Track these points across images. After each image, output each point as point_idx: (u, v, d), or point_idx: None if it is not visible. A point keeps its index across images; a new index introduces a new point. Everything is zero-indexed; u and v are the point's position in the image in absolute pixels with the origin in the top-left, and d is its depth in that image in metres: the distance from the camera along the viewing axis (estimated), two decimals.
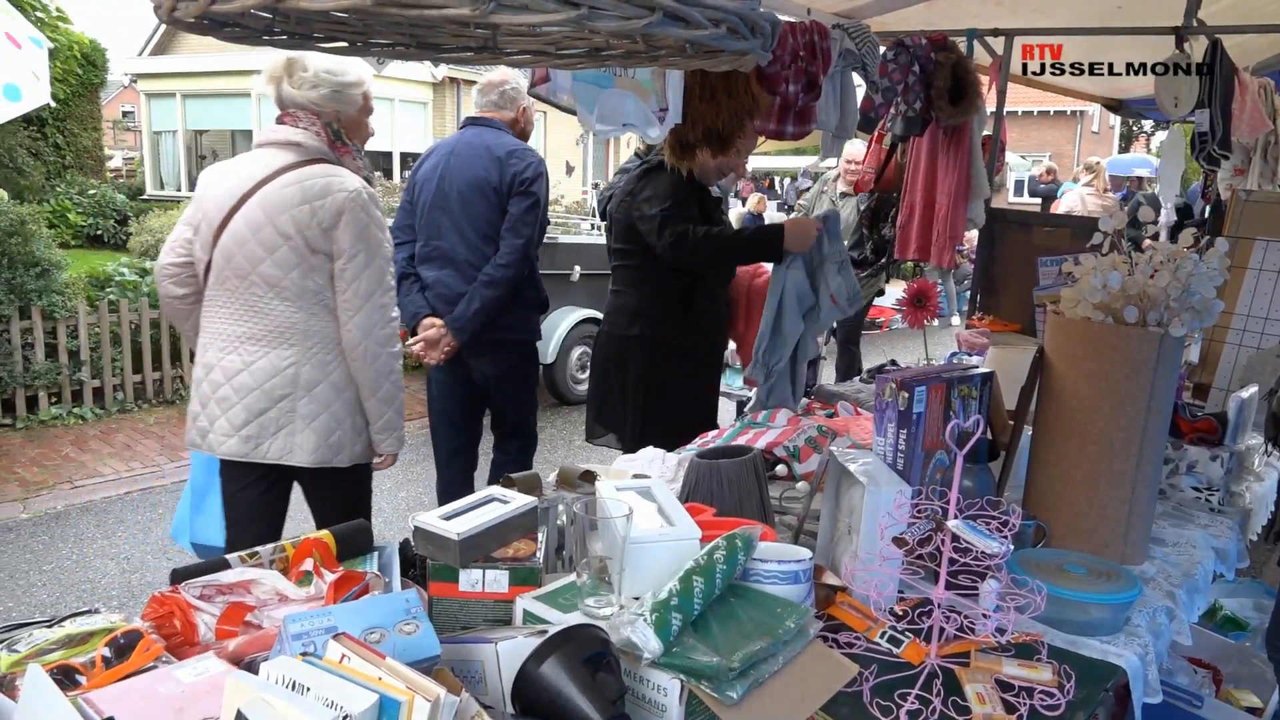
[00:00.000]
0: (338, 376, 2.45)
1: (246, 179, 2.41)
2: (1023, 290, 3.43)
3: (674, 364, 3.03)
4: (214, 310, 2.48)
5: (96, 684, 1.14)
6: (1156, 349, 1.77)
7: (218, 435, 2.46)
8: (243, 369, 2.41)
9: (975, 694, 1.33)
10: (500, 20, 0.86)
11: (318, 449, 2.45)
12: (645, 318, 3.00)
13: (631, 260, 3.03)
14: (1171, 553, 1.97)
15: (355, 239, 2.39)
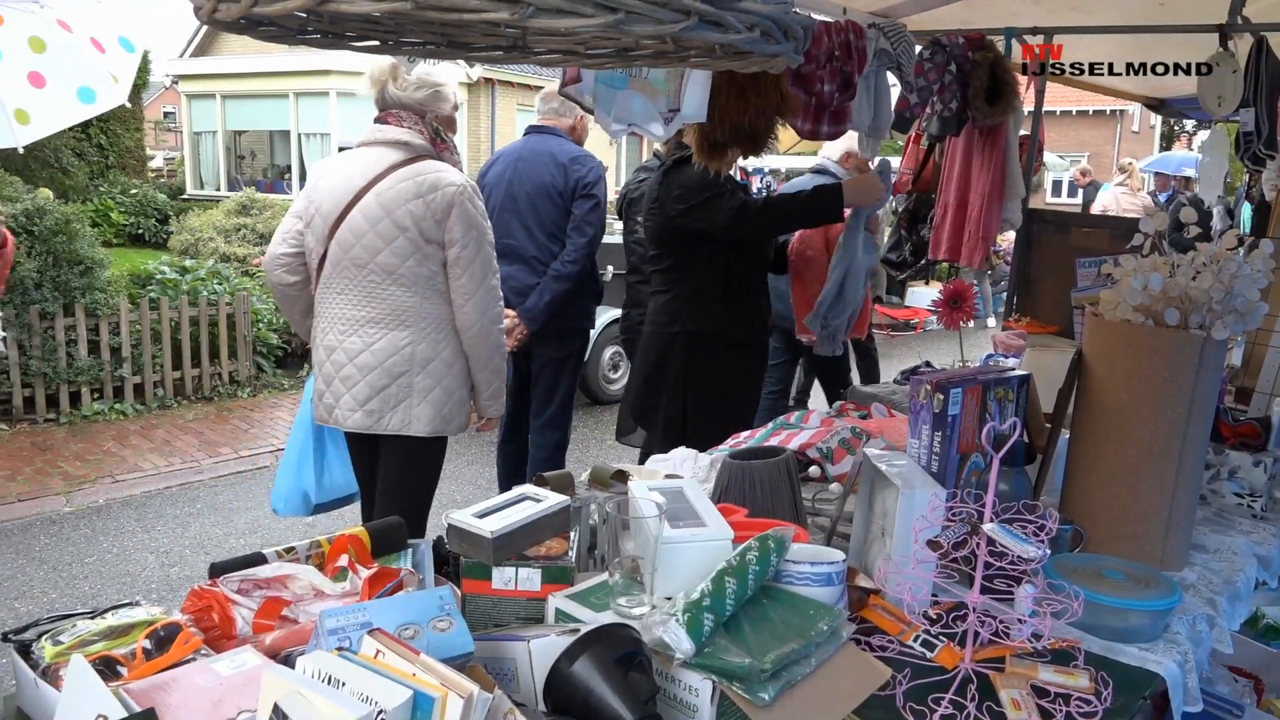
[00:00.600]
0: (448, 353, 2.70)
1: (360, 177, 2.63)
2: (1060, 292, 3.38)
3: (718, 357, 3.05)
4: (332, 297, 2.72)
5: (137, 675, 1.16)
6: (1198, 352, 1.74)
7: (343, 411, 2.71)
8: (364, 349, 2.65)
9: (1010, 700, 1.31)
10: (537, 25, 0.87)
11: (433, 420, 2.70)
12: (686, 314, 3.02)
13: (668, 260, 3.04)
14: (1212, 559, 1.94)
15: (466, 229, 2.62)
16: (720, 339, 3.06)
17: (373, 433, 2.71)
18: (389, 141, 2.67)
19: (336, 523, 4.73)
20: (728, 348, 3.08)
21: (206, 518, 4.88)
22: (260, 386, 7.30)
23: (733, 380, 3.12)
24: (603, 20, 0.87)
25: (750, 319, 3.14)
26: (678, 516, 1.43)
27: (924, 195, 4.36)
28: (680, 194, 2.89)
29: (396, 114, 2.71)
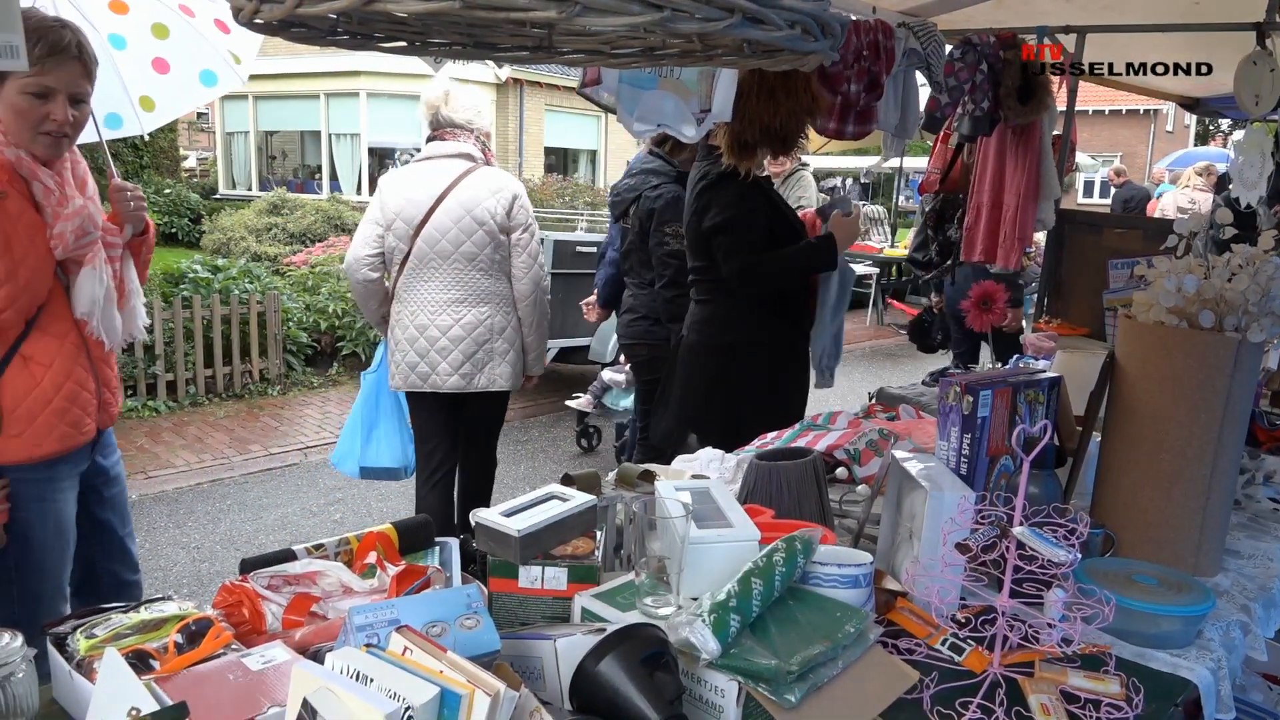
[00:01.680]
0: (515, 321, 3.42)
1: (438, 185, 3.27)
2: (1092, 293, 3.34)
3: (771, 364, 3.05)
4: (419, 285, 3.35)
5: (169, 669, 1.18)
6: (1233, 355, 1.71)
7: (440, 376, 3.35)
8: (454, 324, 3.32)
9: (1039, 705, 1.30)
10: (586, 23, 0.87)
11: (512, 376, 3.43)
12: (742, 324, 3.01)
13: (714, 273, 3.01)
14: (1247, 565, 1.91)
15: (525, 218, 3.35)
16: (772, 348, 3.06)
17: (464, 391, 3.37)
18: (454, 154, 3.31)
19: (365, 520, 4.77)
20: (778, 355, 3.08)
21: (237, 514, 4.94)
22: (290, 384, 7.37)
23: (783, 386, 3.13)
24: (649, 18, 0.87)
25: (798, 327, 3.13)
26: (704, 517, 1.43)
27: (951, 195, 4.33)
28: (715, 220, 2.88)
29: (451, 131, 3.34)
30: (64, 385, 2.14)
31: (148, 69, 2.93)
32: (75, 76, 2.04)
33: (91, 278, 2.15)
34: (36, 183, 2.04)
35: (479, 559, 1.57)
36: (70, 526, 2.25)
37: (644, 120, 2.38)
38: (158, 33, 2.93)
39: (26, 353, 2.08)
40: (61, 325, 2.14)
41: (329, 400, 7.11)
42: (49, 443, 2.12)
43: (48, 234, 2.05)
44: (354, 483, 5.41)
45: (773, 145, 2.78)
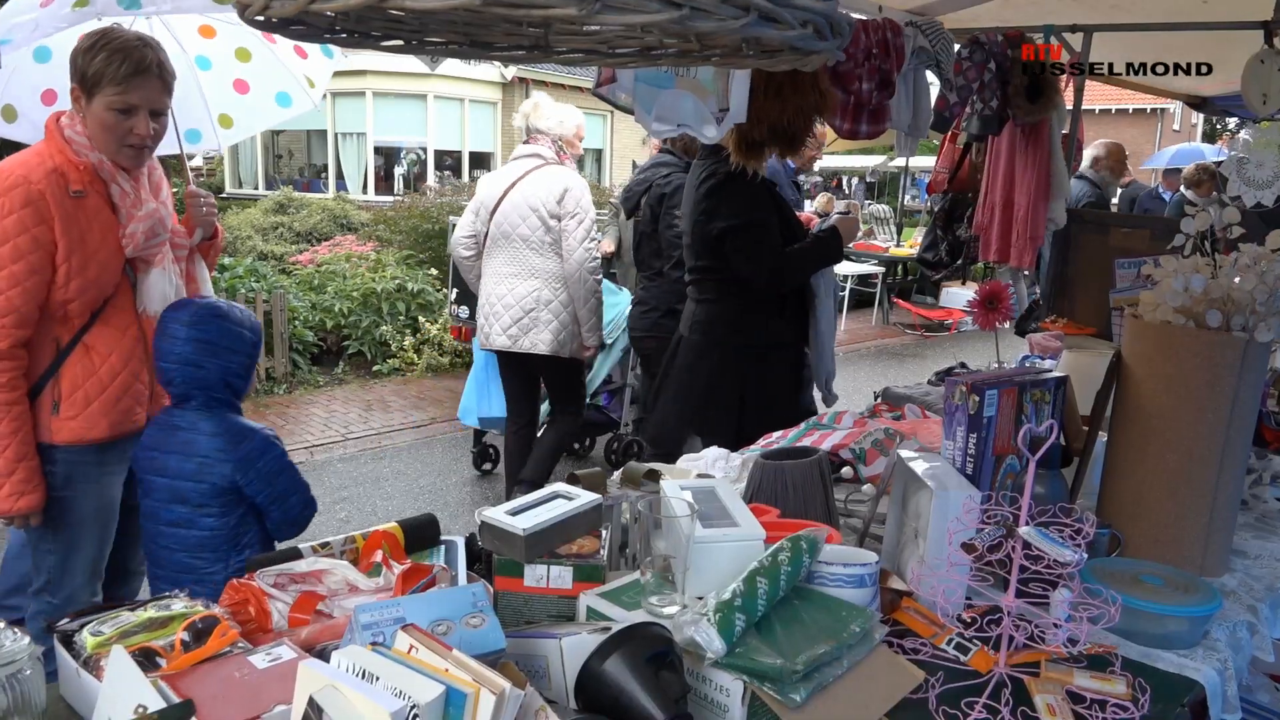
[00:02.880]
0: (564, 297, 4.04)
1: (509, 178, 4.06)
2: (1098, 293, 3.33)
3: (776, 365, 3.06)
4: (491, 260, 4.15)
5: (175, 666, 1.18)
6: (1240, 355, 1.71)
7: (494, 336, 4.12)
8: (508, 293, 4.06)
9: (1045, 705, 1.30)
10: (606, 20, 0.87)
11: (553, 343, 4.06)
12: (747, 325, 3.02)
13: (723, 273, 3.01)
14: (1254, 565, 1.90)
15: (573, 209, 3.97)
16: (777, 349, 3.07)
17: (511, 350, 4.10)
18: (529, 155, 4.09)
19: (371, 519, 4.77)
20: (783, 357, 3.09)
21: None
22: (296, 383, 7.39)
23: (788, 388, 3.13)
24: (667, 16, 0.87)
25: (800, 328, 3.14)
26: (710, 516, 1.43)
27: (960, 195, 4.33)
28: (730, 223, 2.88)
29: (535, 136, 4.10)
30: (120, 375, 2.28)
31: (229, 89, 3.17)
32: (156, 93, 2.19)
33: (162, 278, 2.31)
34: (115, 185, 2.21)
35: (485, 558, 1.57)
36: (113, 512, 2.40)
37: (663, 120, 2.37)
38: (241, 56, 3.17)
39: (89, 342, 2.23)
40: (124, 319, 2.28)
41: (335, 399, 7.12)
42: (100, 428, 2.26)
43: (120, 233, 2.22)
44: (360, 481, 5.43)
45: (781, 144, 2.77)
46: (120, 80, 2.10)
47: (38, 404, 2.21)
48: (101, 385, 2.25)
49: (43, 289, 2.13)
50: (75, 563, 2.32)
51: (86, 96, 2.14)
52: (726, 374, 3.04)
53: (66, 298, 2.16)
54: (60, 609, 2.25)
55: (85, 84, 2.13)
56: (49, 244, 2.10)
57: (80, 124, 2.17)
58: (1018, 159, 3.58)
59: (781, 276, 2.96)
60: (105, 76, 2.10)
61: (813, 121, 2.74)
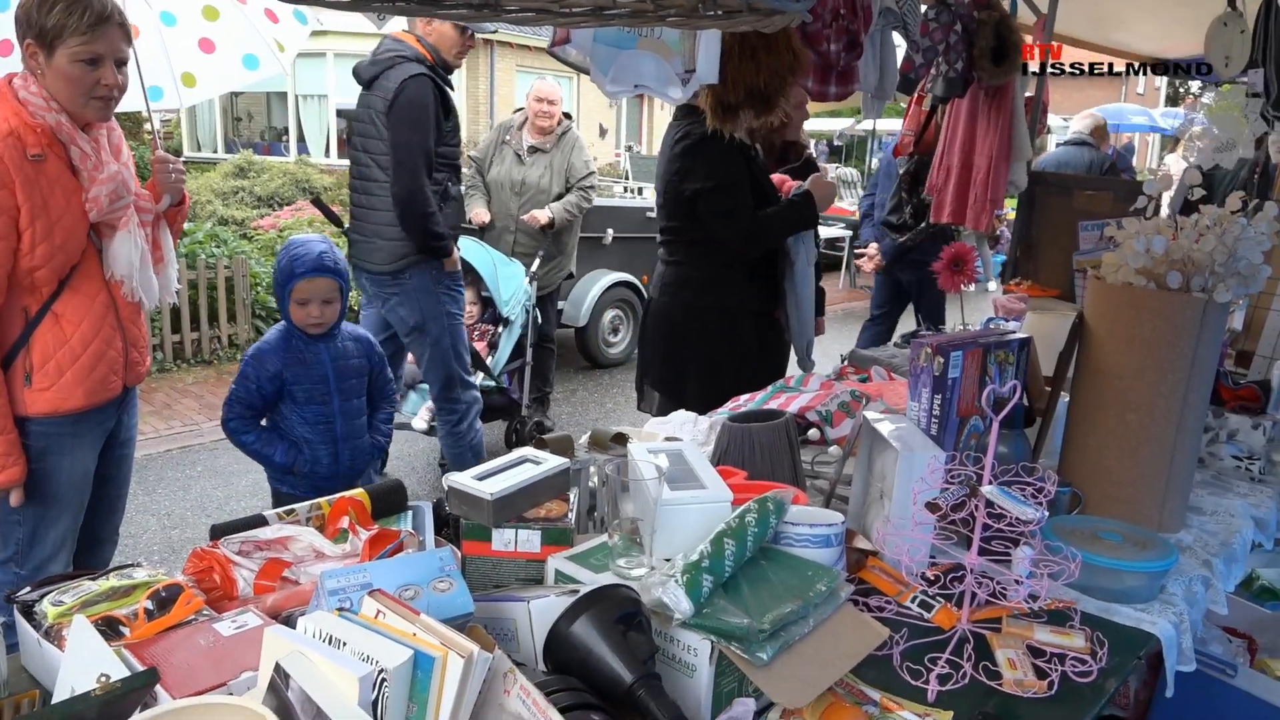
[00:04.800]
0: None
1: None
2: (1062, 255, 3.36)
3: (746, 328, 3.06)
4: None
5: (139, 635, 1.17)
6: (1200, 315, 1.73)
7: None
8: None
9: (1006, 659, 1.33)
10: None
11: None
12: (716, 287, 3.01)
13: (692, 234, 3.00)
14: (1209, 521, 1.94)
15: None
16: (746, 313, 3.07)
17: None
18: None
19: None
20: (752, 320, 3.09)
21: (207, 480, 4.91)
22: None
23: (759, 352, 3.14)
24: None
25: (770, 292, 3.14)
26: (677, 479, 1.43)
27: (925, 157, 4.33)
28: (705, 184, 2.87)
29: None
30: (92, 343, 2.24)
31: (194, 47, 3.10)
32: (119, 41, 2.14)
33: (127, 241, 2.25)
34: (74, 147, 2.15)
35: (452, 523, 1.57)
36: (88, 483, 2.37)
37: (618, 81, 2.33)
38: (208, 14, 3.10)
39: (58, 311, 2.18)
40: (92, 285, 2.23)
41: None
42: (76, 397, 2.23)
43: (83, 197, 2.15)
44: None
45: (756, 106, 2.75)
46: (85, 30, 2.04)
47: (9, 376, 2.17)
48: (74, 355, 2.21)
49: (8, 257, 2.08)
50: (46, 535, 2.29)
51: (47, 51, 2.06)
52: (693, 336, 3.05)
53: (33, 265, 2.10)
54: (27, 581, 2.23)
55: (45, 38, 2.05)
56: (11, 209, 2.04)
57: (35, 83, 2.09)
58: (979, 121, 3.58)
59: (755, 239, 2.96)
60: (68, 28, 2.04)
61: (787, 83, 2.72)
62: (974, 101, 3.60)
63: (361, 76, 3.74)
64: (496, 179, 5.29)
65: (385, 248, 3.74)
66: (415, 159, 3.59)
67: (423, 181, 3.61)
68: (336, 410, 2.72)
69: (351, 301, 4.46)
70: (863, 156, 15.35)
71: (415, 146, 3.58)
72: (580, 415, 6.10)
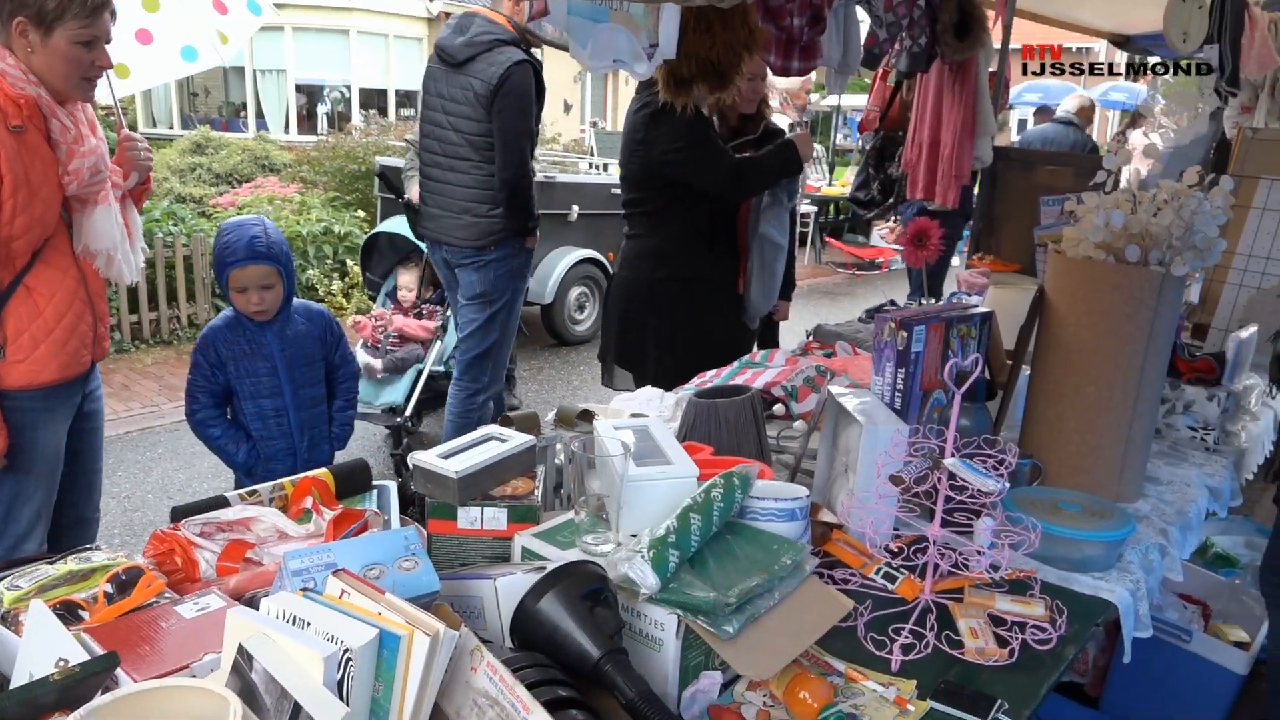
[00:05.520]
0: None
1: None
2: (1024, 230, 3.39)
3: (706, 300, 3.06)
4: None
5: (99, 619, 1.15)
6: (1157, 288, 1.76)
7: None
8: None
9: (968, 628, 1.35)
10: None
11: None
12: (674, 258, 3.01)
13: (650, 205, 3.00)
14: (1166, 491, 1.98)
15: None
16: (706, 284, 3.07)
17: None
18: None
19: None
20: (713, 292, 3.09)
21: (168, 462, 4.84)
22: None
23: (720, 324, 3.14)
24: None
25: (730, 264, 3.15)
26: (643, 455, 1.44)
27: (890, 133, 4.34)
28: (674, 145, 2.85)
29: None
30: (64, 316, 2.26)
31: (130, 39, 3.05)
32: (110, 25, 2.20)
33: (107, 215, 2.28)
34: (55, 120, 2.15)
35: (418, 501, 1.56)
36: (59, 458, 2.38)
37: (598, 56, 2.31)
38: (148, 6, 3.08)
39: (30, 284, 2.19)
40: (63, 260, 2.24)
41: None
42: (49, 371, 2.24)
43: (60, 170, 2.16)
44: None
45: (709, 80, 2.74)
46: (87, 15, 2.09)
47: None
48: (48, 327, 2.22)
49: None
50: (20, 512, 2.29)
51: (44, 30, 2.08)
52: (652, 308, 3.05)
53: (11, 235, 2.10)
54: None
55: (43, 18, 2.07)
56: None
57: (10, 56, 2.09)
58: (945, 97, 3.59)
59: (742, 179, 2.94)
60: (69, 11, 2.08)
61: (742, 57, 2.70)
62: (939, 77, 3.62)
63: (456, 57, 3.70)
64: None
65: (476, 224, 3.79)
66: (523, 145, 3.69)
67: (529, 166, 3.74)
68: (289, 402, 2.66)
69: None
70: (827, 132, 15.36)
71: (522, 133, 3.68)
72: (547, 393, 6.08)
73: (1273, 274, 2.88)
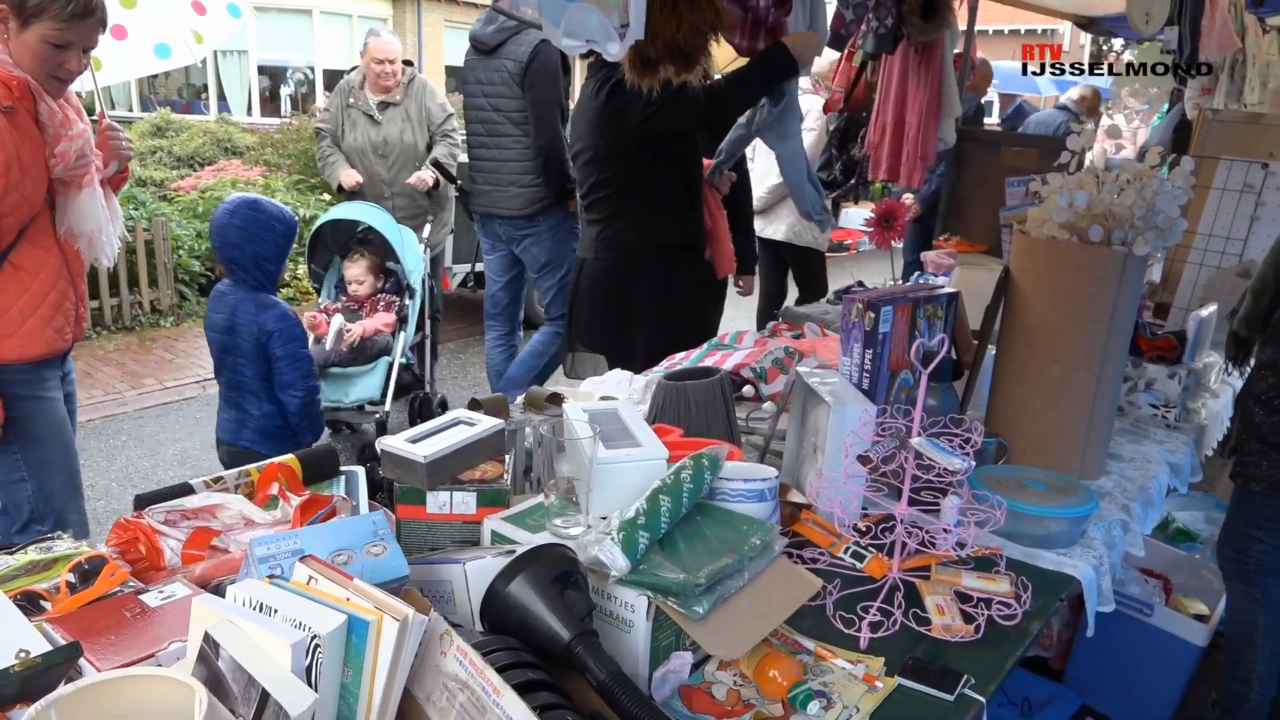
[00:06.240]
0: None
1: None
2: (989, 211, 3.42)
3: (690, 266, 3.03)
4: None
5: (62, 609, 1.14)
6: (1120, 268, 1.78)
7: None
8: None
9: (935, 605, 1.36)
10: None
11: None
12: (656, 226, 2.96)
13: (621, 181, 2.95)
14: (1128, 468, 2.01)
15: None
16: (691, 248, 3.04)
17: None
18: None
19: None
20: (694, 258, 3.06)
21: (132, 450, 4.78)
22: (184, 315, 7.10)
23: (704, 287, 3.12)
24: None
25: (702, 227, 3.12)
26: (612, 437, 1.43)
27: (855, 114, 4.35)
28: (647, 100, 2.80)
29: None
30: (49, 294, 2.31)
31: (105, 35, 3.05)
32: (92, 32, 2.22)
33: (92, 198, 2.34)
34: (43, 103, 2.19)
35: (386, 486, 1.55)
36: (67, 423, 2.47)
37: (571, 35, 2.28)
38: (125, 3, 3.17)
39: (15, 261, 2.23)
40: (47, 240, 2.29)
41: None
42: (37, 345, 2.30)
43: (48, 153, 2.21)
44: None
45: (676, 61, 2.72)
46: (64, 20, 2.11)
47: None
48: (34, 303, 2.27)
49: None
50: (51, 483, 2.37)
51: (20, 22, 2.11)
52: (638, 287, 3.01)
53: (2, 212, 2.14)
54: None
55: (22, 11, 2.09)
56: None
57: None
58: (910, 78, 3.60)
59: (717, 96, 2.84)
60: (47, 11, 2.09)
61: (708, 38, 2.68)
62: (905, 58, 3.62)
63: (488, 44, 4.07)
64: (355, 146, 4.94)
65: (521, 194, 4.25)
66: (554, 114, 4.08)
67: (560, 132, 4.07)
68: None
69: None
70: None
71: (553, 103, 4.08)
72: None
73: (1232, 253, 2.93)
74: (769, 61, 2.88)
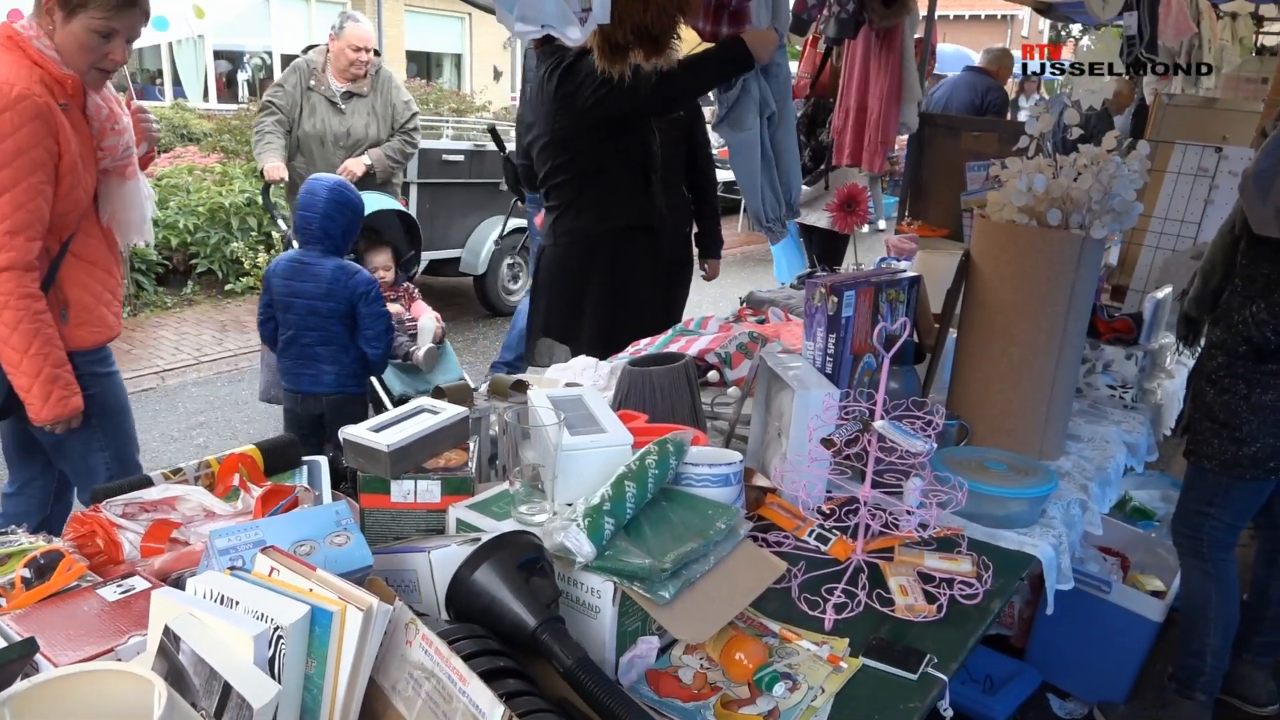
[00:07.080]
0: None
1: None
2: (951, 196, 3.45)
3: (645, 248, 3.01)
4: None
5: (17, 605, 1.12)
6: (1078, 251, 1.80)
7: None
8: None
9: (898, 586, 1.38)
10: None
11: None
12: (609, 210, 2.94)
13: (577, 165, 2.93)
14: (1086, 448, 2.05)
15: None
16: (649, 230, 3.01)
17: None
18: None
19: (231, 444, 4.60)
20: (654, 238, 3.03)
21: None
22: (141, 305, 6.98)
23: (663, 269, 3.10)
24: None
25: (672, 210, 3.08)
26: (577, 424, 1.43)
27: (821, 100, 4.36)
28: (598, 79, 2.76)
29: None
30: (107, 280, 2.40)
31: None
32: (136, 21, 2.22)
33: (137, 189, 2.41)
34: (91, 98, 2.24)
35: (350, 476, 1.53)
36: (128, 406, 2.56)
37: (526, 20, 2.25)
38: None
39: (76, 250, 2.30)
40: (96, 228, 2.36)
41: (185, 320, 6.77)
42: (104, 330, 2.39)
43: (96, 145, 2.27)
44: (217, 405, 5.22)
45: (645, 45, 2.70)
46: (109, 9, 2.11)
47: None
48: (96, 290, 2.36)
49: (51, 200, 2.17)
50: (126, 451, 2.49)
51: (66, 12, 2.11)
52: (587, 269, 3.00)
53: (66, 208, 2.20)
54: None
55: (68, 2, 2.10)
56: (57, 155, 2.14)
57: (45, 35, 2.13)
58: (872, 63, 3.62)
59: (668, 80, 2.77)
60: (93, 1, 2.09)
61: (676, 21, 2.67)
62: (867, 44, 3.64)
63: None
64: (312, 132, 4.68)
65: None
66: None
67: None
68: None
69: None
70: None
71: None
72: (482, 364, 6.03)
73: (1187, 236, 2.98)
74: (725, 53, 2.86)
